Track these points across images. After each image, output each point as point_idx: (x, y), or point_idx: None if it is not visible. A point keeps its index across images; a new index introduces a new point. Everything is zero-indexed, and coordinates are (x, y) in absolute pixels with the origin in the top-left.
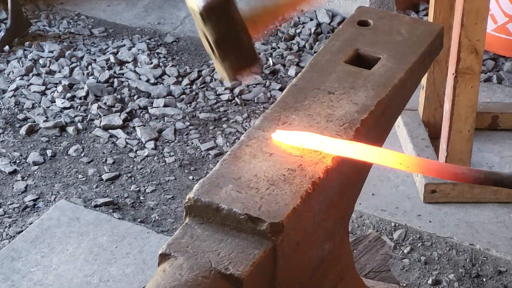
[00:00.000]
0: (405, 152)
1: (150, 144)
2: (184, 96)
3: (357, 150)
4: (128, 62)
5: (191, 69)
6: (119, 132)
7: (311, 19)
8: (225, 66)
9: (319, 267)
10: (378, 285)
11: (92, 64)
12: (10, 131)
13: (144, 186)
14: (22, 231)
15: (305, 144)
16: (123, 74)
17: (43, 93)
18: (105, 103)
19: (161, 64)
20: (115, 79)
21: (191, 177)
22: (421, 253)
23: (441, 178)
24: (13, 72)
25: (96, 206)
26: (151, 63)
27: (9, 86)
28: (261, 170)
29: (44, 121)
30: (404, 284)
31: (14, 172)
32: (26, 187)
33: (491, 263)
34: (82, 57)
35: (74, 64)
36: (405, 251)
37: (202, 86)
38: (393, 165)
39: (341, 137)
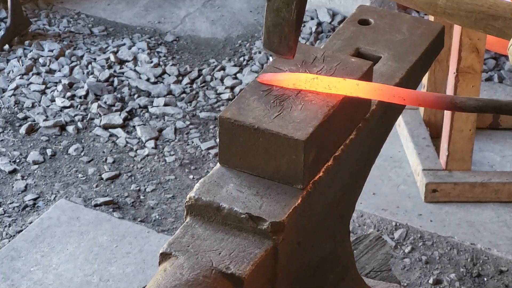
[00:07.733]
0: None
1: (150, 143)
2: (184, 95)
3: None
4: (128, 61)
5: (192, 68)
6: (119, 131)
7: (312, 18)
8: None
9: (320, 266)
10: (379, 284)
11: (92, 63)
12: (10, 130)
13: (144, 185)
14: (22, 230)
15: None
16: (123, 73)
17: (43, 92)
18: (105, 102)
19: (161, 63)
20: (115, 78)
21: (191, 176)
22: (422, 253)
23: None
24: (13, 71)
25: (96, 205)
26: (151, 62)
27: (9, 85)
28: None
29: (44, 120)
30: (405, 284)
31: (14, 171)
32: (26, 186)
33: (492, 263)
34: (82, 56)
35: (74, 63)
36: (406, 250)
37: (202, 85)
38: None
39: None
